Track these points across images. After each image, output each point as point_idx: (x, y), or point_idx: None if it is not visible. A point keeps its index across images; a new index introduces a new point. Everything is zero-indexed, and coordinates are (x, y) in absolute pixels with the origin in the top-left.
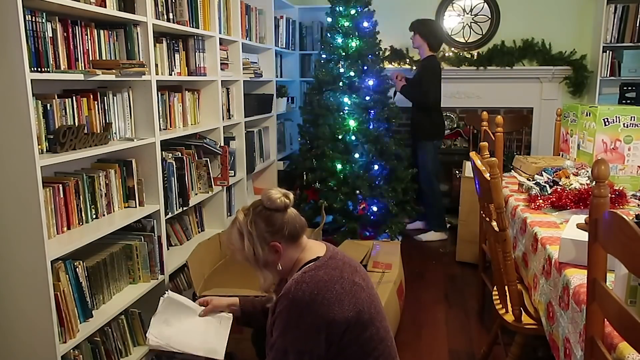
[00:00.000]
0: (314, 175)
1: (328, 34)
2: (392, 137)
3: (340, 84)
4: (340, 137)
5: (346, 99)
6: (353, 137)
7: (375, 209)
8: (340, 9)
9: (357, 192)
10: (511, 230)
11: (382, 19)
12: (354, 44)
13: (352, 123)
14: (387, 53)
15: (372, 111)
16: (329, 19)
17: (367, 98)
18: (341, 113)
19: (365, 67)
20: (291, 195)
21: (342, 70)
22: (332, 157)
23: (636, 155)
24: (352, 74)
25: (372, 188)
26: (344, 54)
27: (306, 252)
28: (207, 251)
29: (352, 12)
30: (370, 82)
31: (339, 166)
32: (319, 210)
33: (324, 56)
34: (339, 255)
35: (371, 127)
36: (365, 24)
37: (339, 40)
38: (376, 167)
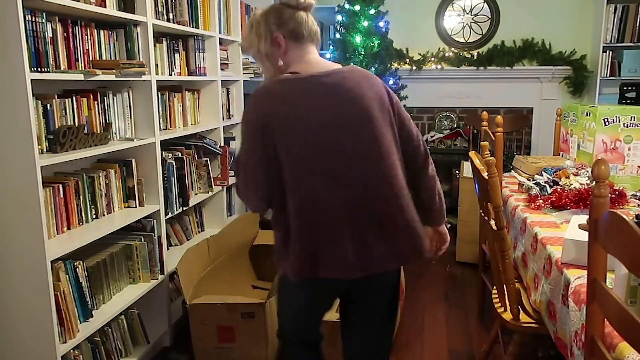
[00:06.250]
0: None
1: (338, 34)
2: None
3: None
4: None
5: None
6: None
7: None
8: (357, 8)
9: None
10: (511, 230)
11: None
12: (373, 43)
13: None
14: None
15: None
16: (340, 18)
17: None
18: None
19: (382, 67)
20: (314, 3)
21: None
22: None
23: (636, 155)
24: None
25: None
26: (363, 53)
27: (307, 65)
28: (196, 257)
29: (372, 12)
30: (391, 82)
31: None
32: None
33: (336, 56)
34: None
35: None
36: (382, 24)
37: (357, 39)
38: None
